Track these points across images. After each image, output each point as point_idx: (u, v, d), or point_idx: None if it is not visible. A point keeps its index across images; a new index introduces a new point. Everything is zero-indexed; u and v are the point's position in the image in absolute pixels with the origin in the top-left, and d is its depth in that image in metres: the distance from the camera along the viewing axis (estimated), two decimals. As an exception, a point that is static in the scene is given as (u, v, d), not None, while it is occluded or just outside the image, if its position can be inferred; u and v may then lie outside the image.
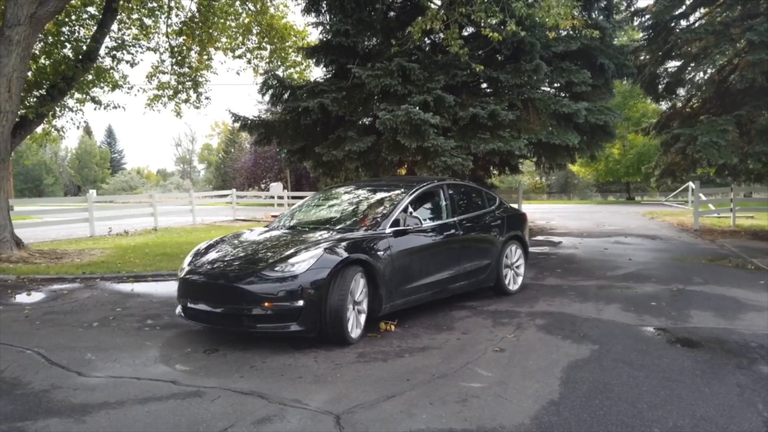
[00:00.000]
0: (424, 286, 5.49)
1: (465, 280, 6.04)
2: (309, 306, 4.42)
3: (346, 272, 4.64)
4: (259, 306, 4.42)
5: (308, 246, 4.84)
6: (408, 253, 5.30)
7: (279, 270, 4.55)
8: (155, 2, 14.12)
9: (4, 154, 9.57)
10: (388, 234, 5.20)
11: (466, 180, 8.95)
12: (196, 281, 4.89)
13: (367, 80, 10.12)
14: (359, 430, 3.08)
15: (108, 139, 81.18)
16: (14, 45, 8.96)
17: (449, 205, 6.13)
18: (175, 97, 14.91)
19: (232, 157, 51.20)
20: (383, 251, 5.05)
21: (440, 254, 5.77)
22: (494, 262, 6.43)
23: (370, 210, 5.79)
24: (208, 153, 75.85)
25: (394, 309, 5.18)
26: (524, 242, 7.06)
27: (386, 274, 5.00)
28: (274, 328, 4.46)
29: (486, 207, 6.76)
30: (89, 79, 11.97)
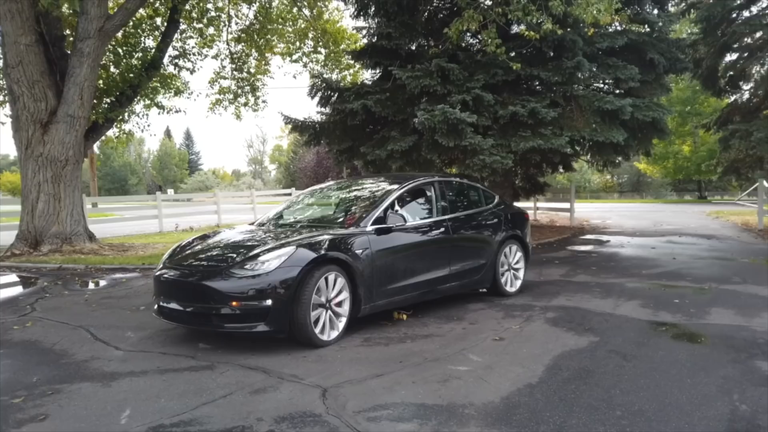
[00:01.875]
0: (410, 286, 5.30)
1: (456, 280, 5.84)
2: (278, 306, 4.26)
3: (319, 271, 4.48)
4: (227, 305, 4.26)
5: (281, 244, 4.65)
6: (391, 252, 5.11)
7: (248, 268, 4.39)
8: (216, 12, 15.04)
9: (78, 155, 10.57)
10: (369, 232, 5.02)
11: (496, 177, 9.03)
12: (168, 279, 4.73)
13: (408, 81, 10.41)
14: (339, 402, 3.39)
15: (186, 141, 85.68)
16: (85, 56, 9.90)
17: (439, 202, 5.94)
18: (235, 101, 15.80)
19: (299, 157, 52.82)
20: (362, 250, 4.86)
21: (428, 254, 5.57)
22: (490, 262, 6.22)
23: (357, 207, 5.65)
24: (278, 154, 78.48)
25: (375, 310, 5.00)
26: (524, 242, 6.83)
27: (365, 273, 4.82)
28: (242, 328, 4.30)
29: (482, 205, 6.56)
30: (154, 86, 12.94)
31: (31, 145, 10.05)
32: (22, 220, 10.42)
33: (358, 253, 4.82)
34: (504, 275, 6.44)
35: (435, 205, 5.90)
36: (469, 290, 6.25)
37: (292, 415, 3.20)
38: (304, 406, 3.32)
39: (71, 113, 10.09)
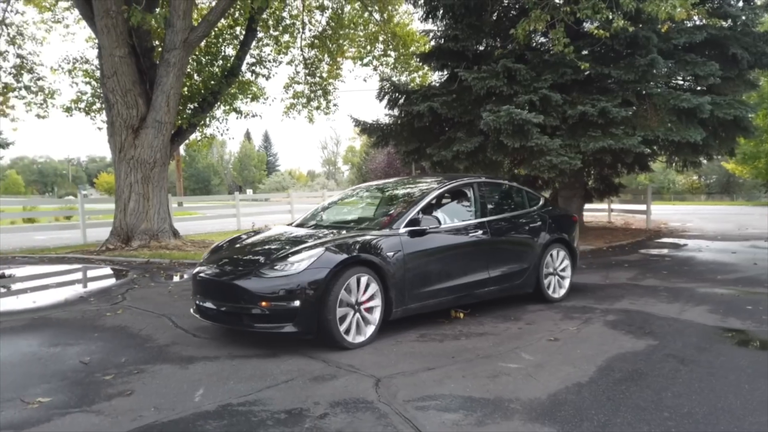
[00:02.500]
0: (445, 290, 5.21)
1: (496, 285, 5.72)
2: (306, 306, 4.27)
3: (348, 273, 4.47)
4: (256, 305, 4.32)
5: (312, 245, 4.67)
6: (424, 255, 5.04)
7: (278, 268, 4.43)
8: (291, 20, 15.69)
9: (164, 158, 11.41)
10: (401, 234, 4.96)
11: (564, 178, 8.86)
12: (204, 278, 4.83)
13: (474, 83, 10.47)
14: (390, 391, 3.60)
15: (265, 144, 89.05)
16: (171, 66, 10.67)
17: (478, 204, 5.82)
18: (308, 104, 16.40)
19: (371, 158, 53.60)
20: (394, 252, 4.81)
21: (464, 257, 5.47)
22: (532, 266, 6.06)
23: (392, 209, 5.62)
24: (351, 155, 79.95)
25: (407, 313, 4.95)
26: (571, 246, 6.58)
27: (397, 276, 4.77)
28: (270, 328, 4.35)
29: (526, 208, 6.41)
30: (232, 92, 13.71)
31: (123, 149, 10.94)
32: (115, 218, 11.37)
33: (390, 256, 4.77)
34: (548, 280, 6.25)
35: (474, 206, 5.81)
36: (510, 295, 6.06)
37: (345, 400, 3.44)
38: (358, 394, 3.55)
39: (159, 119, 10.89)
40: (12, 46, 12.56)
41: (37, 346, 4.75)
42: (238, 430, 3.05)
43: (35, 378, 3.95)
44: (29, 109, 12.94)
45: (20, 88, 12.61)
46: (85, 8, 10.73)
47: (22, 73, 12.58)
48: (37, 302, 6.64)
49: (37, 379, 3.91)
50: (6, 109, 12.86)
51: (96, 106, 13.63)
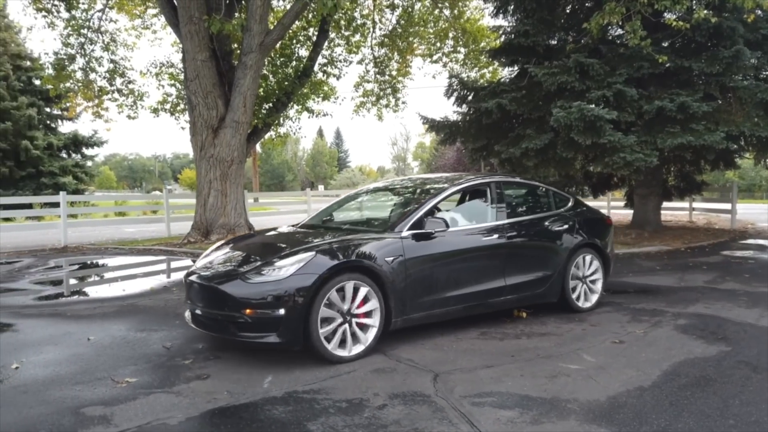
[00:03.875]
0: (453, 298, 4.81)
1: (513, 293, 5.27)
2: (291, 315, 3.96)
3: (340, 279, 4.15)
4: (240, 312, 4.02)
5: (303, 248, 4.33)
6: (429, 261, 4.66)
7: (264, 273, 4.12)
8: (362, 19, 15.97)
9: (241, 156, 11.98)
10: (404, 237, 4.60)
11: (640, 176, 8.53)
12: (194, 282, 4.51)
13: (544, 79, 10.29)
14: (448, 386, 3.70)
15: (336, 141, 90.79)
16: (248, 68, 11.18)
17: (495, 206, 5.38)
18: (377, 102, 16.64)
19: (440, 154, 53.44)
20: (394, 257, 4.45)
21: (477, 263, 5.03)
22: (557, 273, 5.58)
23: (399, 210, 5.29)
24: (421, 151, 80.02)
25: (409, 324, 4.60)
26: (603, 252, 6.02)
27: (397, 283, 4.42)
28: (253, 338, 4.04)
29: (552, 209, 5.93)
30: (305, 92, 14.15)
31: (204, 148, 11.59)
32: (196, 213, 12.07)
33: (389, 261, 4.41)
34: (575, 289, 5.76)
35: (490, 208, 5.38)
36: (531, 304, 5.61)
37: (404, 393, 3.57)
38: (416, 387, 3.68)
39: (236, 119, 11.44)
40: (106, 52, 13.57)
41: (125, 331, 5.21)
42: (303, 415, 3.26)
43: (124, 360, 4.35)
44: (121, 110, 13.94)
45: (113, 92, 13.62)
46: (171, 15, 11.41)
47: (115, 77, 13.57)
48: (126, 290, 7.22)
49: (125, 361, 4.31)
50: (101, 111, 13.93)
51: (180, 107, 14.48)
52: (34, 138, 24.08)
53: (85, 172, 27.13)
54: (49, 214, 13.55)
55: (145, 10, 14.89)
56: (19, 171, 23.84)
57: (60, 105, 20.91)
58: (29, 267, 9.23)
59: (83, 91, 13.39)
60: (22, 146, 23.51)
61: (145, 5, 14.67)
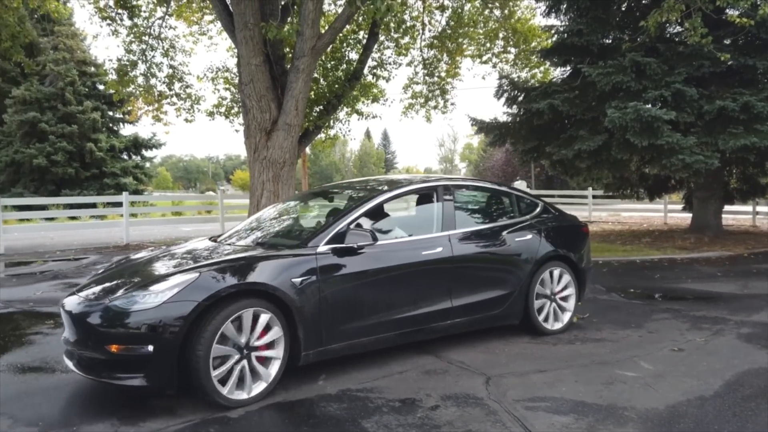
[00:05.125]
0: (384, 325, 4.10)
1: (463, 316, 4.52)
2: (162, 352, 3.24)
3: (228, 307, 3.41)
4: (103, 348, 3.29)
5: (191, 268, 3.65)
6: (354, 280, 3.97)
7: (135, 299, 3.37)
8: (411, 21, 16.01)
9: (293, 158, 12.23)
10: (321, 254, 3.87)
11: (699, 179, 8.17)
12: (64, 309, 3.68)
13: (598, 78, 10.07)
14: (500, 389, 3.69)
15: (384, 142, 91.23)
16: (300, 72, 11.40)
17: (441, 213, 4.62)
18: (426, 104, 16.64)
19: (488, 155, 52.91)
20: (306, 277, 3.74)
21: (415, 281, 4.28)
22: (518, 291, 4.82)
23: (322, 220, 4.64)
24: (468, 152, 79.43)
25: (326, 356, 3.87)
26: (576, 265, 5.26)
27: (308, 309, 3.71)
28: (116, 379, 3.31)
29: (515, 216, 5.18)
30: (355, 94, 14.31)
31: (257, 150, 11.89)
32: (249, 213, 12.38)
33: (297, 283, 3.69)
34: (542, 308, 5.01)
35: (436, 216, 4.63)
36: (486, 327, 4.85)
37: (456, 395, 3.60)
38: (468, 389, 3.69)
39: (288, 122, 11.69)
40: (166, 58, 14.10)
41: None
42: (357, 413, 3.33)
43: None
44: (179, 114, 14.46)
45: (172, 96, 14.13)
46: (227, 21, 11.77)
47: (174, 82, 14.08)
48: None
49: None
50: (160, 115, 14.50)
51: (234, 110, 14.90)
52: (97, 140, 25.26)
53: (144, 173, 28.26)
54: (112, 213, 14.19)
55: (202, 16, 15.39)
56: (84, 172, 25.05)
57: (122, 109, 21.90)
58: (95, 264, 9.71)
59: (144, 95, 13.97)
60: (87, 148, 24.70)
61: (202, 12, 15.17)
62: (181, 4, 14.75)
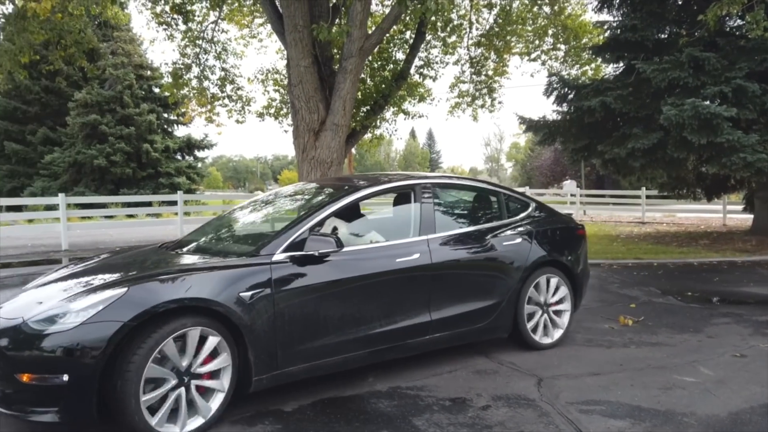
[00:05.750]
0: (352, 342, 3.61)
1: (443, 330, 4.04)
2: (79, 383, 2.77)
3: (166, 327, 2.93)
4: (16, 377, 2.81)
5: (120, 281, 3.16)
6: (314, 293, 3.46)
7: (53, 319, 2.88)
8: (458, 20, 15.92)
9: (340, 158, 12.36)
10: (277, 262, 3.38)
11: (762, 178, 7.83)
12: None
13: (653, 75, 9.76)
14: (553, 391, 3.64)
15: (429, 141, 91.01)
16: (348, 73, 11.51)
17: (420, 215, 4.13)
18: (473, 103, 16.50)
19: (536, 154, 52.02)
20: (258, 291, 3.24)
21: (388, 292, 3.79)
22: (506, 301, 4.34)
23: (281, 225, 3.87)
24: (515, 151, 78.32)
25: (283, 380, 3.39)
26: (571, 271, 4.78)
27: (261, 327, 3.23)
28: (28, 413, 2.81)
29: (502, 217, 4.70)
30: (401, 94, 14.34)
31: (306, 150, 12.08)
32: (297, 212, 12.61)
33: (247, 297, 3.20)
34: (533, 319, 4.54)
35: (414, 219, 4.14)
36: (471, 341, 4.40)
37: (507, 395, 3.57)
38: (519, 391, 3.66)
39: (336, 122, 11.83)
40: (218, 61, 14.51)
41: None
42: (408, 410, 3.35)
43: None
44: (231, 115, 14.84)
45: (224, 98, 14.52)
46: (277, 24, 12.01)
47: (226, 84, 14.47)
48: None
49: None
50: (213, 116, 14.92)
51: (283, 111, 15.19)
52: (153, 141, 26.21)
53: (197, 173, 29.15)
54: (167, 211, 14.69)
55: (253, 20, 15.75)
56: (140, 172, 26.05)
57: (177, 111, 22.65)
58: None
59: (197, 97, 14.41)
60: (143, 149, 25.67)
61: (253, 15, 15.52)
62: (232, 8, 15.14)
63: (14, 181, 26.20)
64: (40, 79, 25.47)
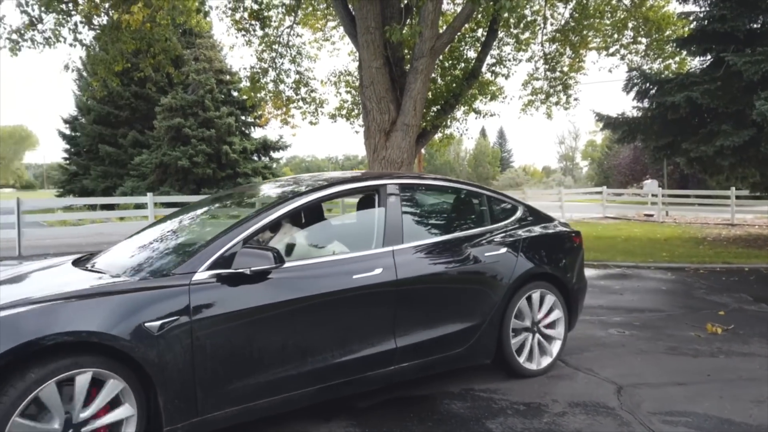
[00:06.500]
0: (296, 379, 2.99)
1: (412, 359, 3.41)
2: None
3: (50, 367, 2.33)
4: None
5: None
6: (248, 317, 2.83)
7: None
8: (532, 15, 15.55)
9: (410, 158, 12.40)
10: (198, 284, 2.74)
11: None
12: None
13: (744, 68, 9.16)
14: (634, 400, 3.50)
15: (499, 140, 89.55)
16: (419, 73, 11.53)
17: (385, 223, 3.48)
18: (547, 100, 16.06)
19: (614, 153, 49.92)
20: (171, 319, 2.62)
21: (342, 316, 3.17)
22: (488, 322, 3.73)
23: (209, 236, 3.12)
24: (591, 150, 75.59)
25: (205, 428, 2.73)
26: (566, 284, 4.18)
27: (174, 364, 2.61)
28: None
29: (485, 223, 4.07)
30: (472, 93, 14.20)
31: (376, 150, 12.21)
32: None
33: (155, 327, 2.56)
34: (520, 342, 3.93)
35: (376, 226, 3.50)
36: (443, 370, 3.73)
37: (585, 403, 3.47)
38: (598, 398, 3.54)
39: (406, 123, 11.89)
40: (293, 65, 14.94)
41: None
42: (481, 413, 3.33)
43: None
44: (305, 117, 15.25)
45: (298, 100, 14.94)
46: (350, 26, 12.21)
47: (300, 87, 14.87)
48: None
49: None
50: (288, 118, 15.39)
51: (354, 112, 15.42)
52: (232, 143, 27.35)
53: (272, 173, 30.14)
54: (244, 210, 15.21)
55: (326, 23, 16.09)
56: (220, 172, 27.26)
57: (254, 114, 23.50)
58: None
59: (273, 100, 14.90)
60: (223, 151, 26.85)
61: (326, 19, 15.86)
62: (307, 13, 15.54)
63: (107, 181, 28.09)
64: (130, 85, 27.17)
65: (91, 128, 28.66)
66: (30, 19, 8.56)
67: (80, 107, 30.27)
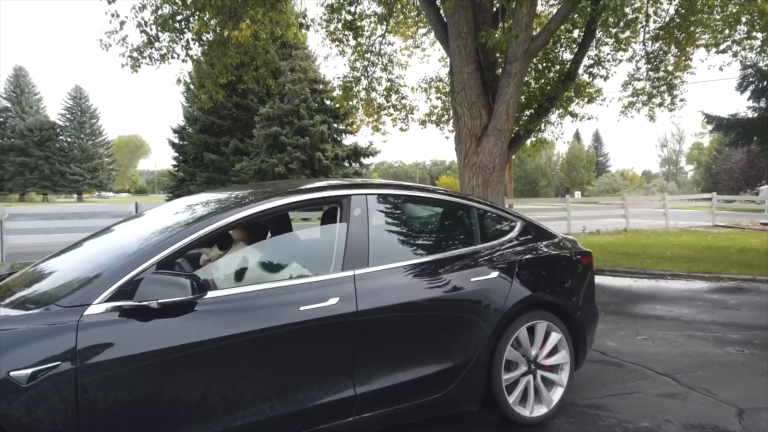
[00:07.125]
0: None
1: (377, 407, 2.80)
2: None
3: None
4: None
5: None
6: (159, 361, 2.27)
7: None
8: (633, 13, 14.81)
9: (502, 163, 12.19)
10: (87, 319, 2.16)
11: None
12: None
13: None
14: (758, 426, 3.23)
15: (595, 143, 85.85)
16: (512, 77, 11.33)
17: (346, 241, 2.87)
18: (649, 101, 15.23)
19: (724, 156, 46.33)
20: (50, 366, 2.06)
21: (285, 357, 2.58)
22: (475, 361, 3.08)
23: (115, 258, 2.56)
24: (697, 153, 70.69)
25: None
26: (571, 315, 3.48)
27: (51, 425, 2.05)
28: None
29: (473, 242, 3.42)
30: (568, 95, 13.74)
31: (467, 156, 12.12)
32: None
33: (23, 378, 2.00)
34: (514, 384, 3.25)
35: (336, 246, 2.88)
36: (420, 419, 3.04)
37: (702, 425, 3.25)
38: (716, 421, 3.30)
39: (498, 127, 11.71)
40: (384, 72, 15.19)
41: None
42: (587, 430, 3.20)
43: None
44: (395, 124, 15.45)
45: (389, 107, 15.16)
46: (441, 32, 12.24)
47: (391, 94, 15.08)
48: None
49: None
50: (378, 125, 15.66)
51: (444, 118, 15.42)
52: (324, 150, 28.28)
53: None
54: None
55: (416, 30, 16.23)
56: (313, 178, 28.31)
57: (346, 122, 24.16)
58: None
59: (365, 108, 15.22)
60: (316, 157, 27.82)
61: (417, 26, 16.00)
62: (398, 21, 15.75)
63: (211, 187, 29.97)
64: (231, 96, 28.85)
65: (197, 137, 30.75)
66: (149, 38, 9.32)
67: (188, 118, 32.57)
